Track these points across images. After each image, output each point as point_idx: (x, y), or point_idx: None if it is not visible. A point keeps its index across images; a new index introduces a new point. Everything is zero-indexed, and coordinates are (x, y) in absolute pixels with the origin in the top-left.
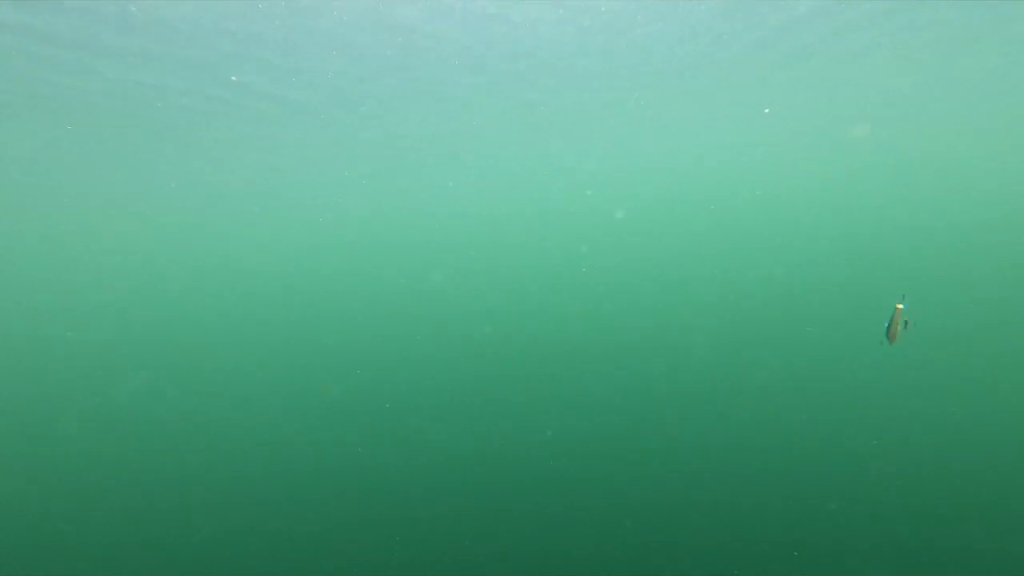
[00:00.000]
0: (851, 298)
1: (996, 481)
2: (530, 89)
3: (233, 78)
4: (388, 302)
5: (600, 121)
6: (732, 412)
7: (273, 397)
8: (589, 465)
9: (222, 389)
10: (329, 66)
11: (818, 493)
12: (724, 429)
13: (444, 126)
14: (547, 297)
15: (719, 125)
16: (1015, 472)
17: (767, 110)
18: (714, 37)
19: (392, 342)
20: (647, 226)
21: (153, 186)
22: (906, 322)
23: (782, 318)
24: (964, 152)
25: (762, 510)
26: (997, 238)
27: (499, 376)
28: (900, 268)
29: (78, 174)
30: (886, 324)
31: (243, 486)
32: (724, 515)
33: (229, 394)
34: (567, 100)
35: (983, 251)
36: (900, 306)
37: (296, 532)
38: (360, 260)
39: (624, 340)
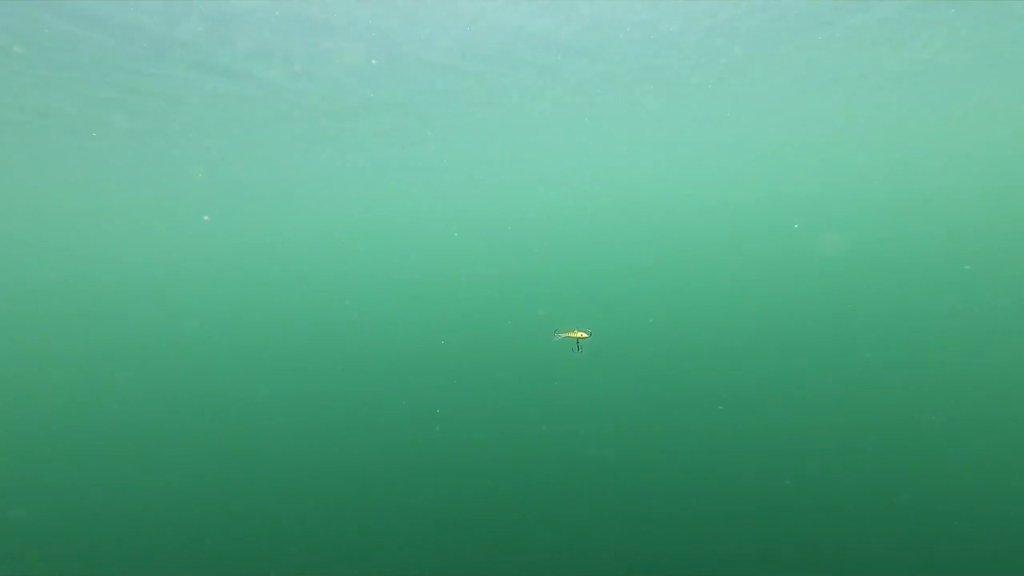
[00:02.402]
0: (852, 299)
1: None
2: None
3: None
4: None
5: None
6: (731, 414)
7: (270, 397)
8: (590, 468)
9: (216, 390)
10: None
11: (820, 496)
12: (723, 431)
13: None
14: (551, 299)
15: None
16: (1015, 473)
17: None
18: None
19: (397, 343)
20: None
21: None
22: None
23: (782, 320)
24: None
25: (763, 513)
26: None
27: (502, 378)
28: (899, 269)
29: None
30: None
31: (242, 486)
32: (725, 518)
33: (223, 396)
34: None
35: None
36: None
37: (287, 535)
38: (353, 261)
39: (622, 343)
